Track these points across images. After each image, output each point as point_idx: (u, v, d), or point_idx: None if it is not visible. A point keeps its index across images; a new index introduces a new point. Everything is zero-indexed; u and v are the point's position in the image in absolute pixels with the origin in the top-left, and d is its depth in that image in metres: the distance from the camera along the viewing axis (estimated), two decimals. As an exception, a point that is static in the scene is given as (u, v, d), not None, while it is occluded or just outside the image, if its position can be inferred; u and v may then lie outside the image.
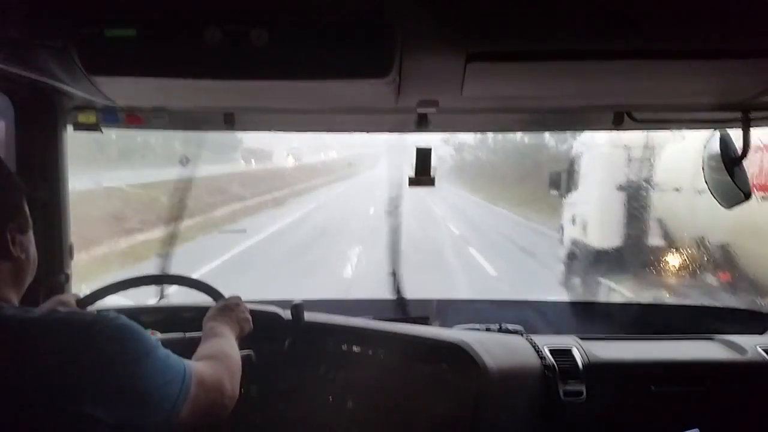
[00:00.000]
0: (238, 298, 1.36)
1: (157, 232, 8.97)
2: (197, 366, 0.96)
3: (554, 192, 7.15)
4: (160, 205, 10.38)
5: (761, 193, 3.86)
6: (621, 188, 5.75)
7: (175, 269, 2.24)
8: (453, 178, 25.99)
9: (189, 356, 0.98)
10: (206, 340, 1.15)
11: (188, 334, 1.36)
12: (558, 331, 1.91)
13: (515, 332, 1.84)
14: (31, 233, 0.96)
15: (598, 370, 1.68)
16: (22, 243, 0.92)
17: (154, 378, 0.85)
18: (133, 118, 1.59)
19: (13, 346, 0.79)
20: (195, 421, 0.92)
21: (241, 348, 1.22)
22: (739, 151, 1.48)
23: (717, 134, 1.54)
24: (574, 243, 6.55)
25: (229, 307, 1.30)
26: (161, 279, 1.48)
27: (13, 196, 0.92)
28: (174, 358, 0.92)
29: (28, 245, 0.94)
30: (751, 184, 1.50)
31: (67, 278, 1.60)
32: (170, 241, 2.43)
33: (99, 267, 8.04)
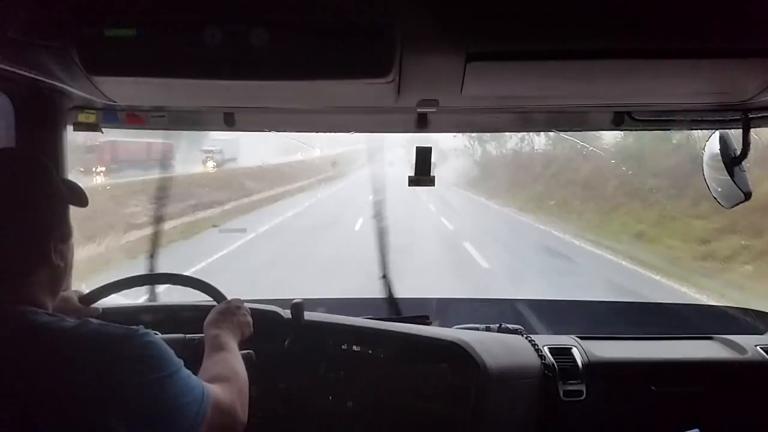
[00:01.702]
0: (240, 300, 1.35)
1: None
2: (213, 389, 0.96)
3: None
4: None
5: None
6: None
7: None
8: (477, 184, 18.64)
9: (188, 357, 0.98)
10: (213, 353, 1.14)
11: (188, 336, 1.36)
12: (558, 331, 1.91)
13: (515, 332, 1.84)
14: (71, 242, 0.97)
15: (598, 369, 1.68)
16: (62, 252, 0.93)
17: (177, 397, 0.86)
18: (133, 118, 1.59)
19: (45, 353, 0.80)
20: None
21: (241, 348, 1.22)
22: (739, 151, 1.48)
23: (717, 134, 1.54)
24: None
25: (230, 311, 1.29)
26: (166, 278, 1.47)
27: (59, 205, 0.95)
28: (194, 379, 0.92)
29: (67, 253, 0.96)
30: None
31: None
32: None
33: None
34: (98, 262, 7.51)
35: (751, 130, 1.47)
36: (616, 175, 11.39)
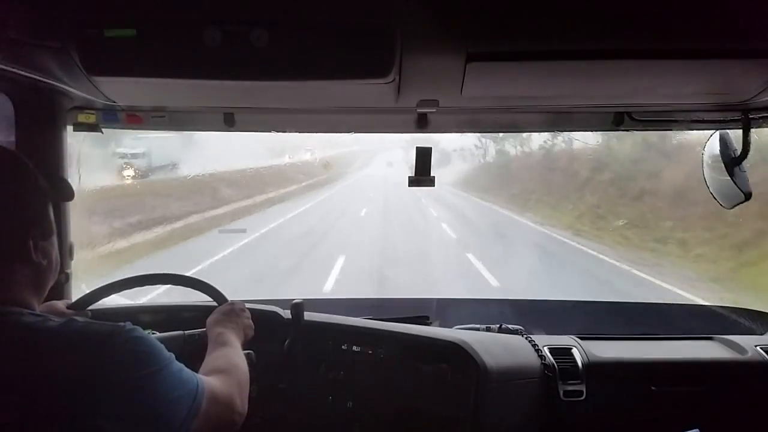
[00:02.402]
0: (242, 303, 1.36)
1: None
2: (209, 381, 0.95)
3: None
4: None
5: None
6: None
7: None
8: (495, 190, 13.81)
9: (189, 353, 0.98)
10: (215, 349, 1.14)
11: (187, 332, 1.36)
12: (558, 331, 1.91)
13: (515, 332, 1.84)
14: (54, 238, 0.96)
15: (598, 369, 1.68)
16: (44, 249, 0.92)
17: (167, 393, 0.85)
18: (133, 118, 1.59)
19: (30, 355, 0.79)
20: None
21: (241, 349, 1.22)
22: (739, 151, 1.48)
23: (717, 134, 1.54)
24: None
25: (235, 312, 1.30)
26: (165, 279, 1.46)
27: (38, 201, 0.93)
28: (187, 372, 0.91)
29: (50, 250, 0.94)
30: None
31: (67, 278, 1.60)
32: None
33: None
34: None
35: (751, 130, 1.47)
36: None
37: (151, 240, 9.73)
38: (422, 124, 1.60)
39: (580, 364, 1.68)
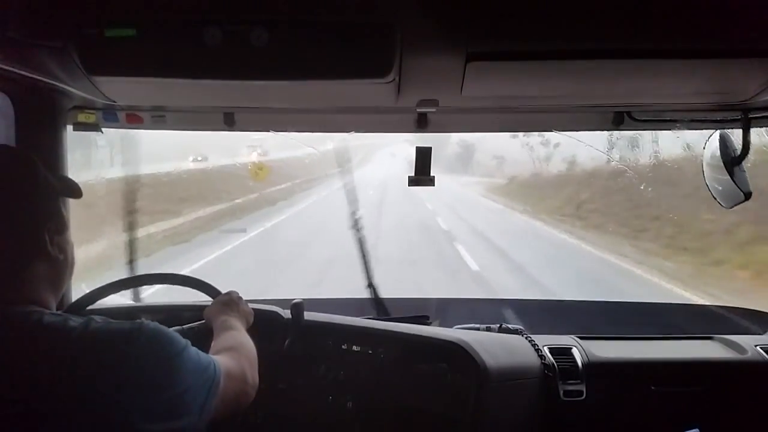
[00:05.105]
0: (237, 292, 1.38)
1: None
2: (222, 360, 0.98)
3: None
4: None
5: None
6: None
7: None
8: None
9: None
10: (221, 333, 1.17)
11: (186, 326, 1.36)
12: (558, 331, 1.91)
13: (515, 332, 1.84)
14: (68, 234, 0.97)
15: (598, 369, 1.68)
16: (59, 243, 0.93)
17: (188, 378, 0.87)
18: (133, 117, 1.59)
19: (53, 357, 0.80)
20: (223, 412, 0.93)
21: None
22: (739, 151, 1.48)
23: (717, 134, 1.54)
24: None
25: (234, 301, 1.33)
26: (157, 278, 1.47)
27: (50, 197, 0.94)
28: (203, 355, 0.94)
29: (66, 246, 0.95)
30: None
31: None
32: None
33: None
34: None
35: (752, 129, 1.47)
36: None
37: None
38: (422, 124, 1.61)
39: (580, 364, 1.68)
